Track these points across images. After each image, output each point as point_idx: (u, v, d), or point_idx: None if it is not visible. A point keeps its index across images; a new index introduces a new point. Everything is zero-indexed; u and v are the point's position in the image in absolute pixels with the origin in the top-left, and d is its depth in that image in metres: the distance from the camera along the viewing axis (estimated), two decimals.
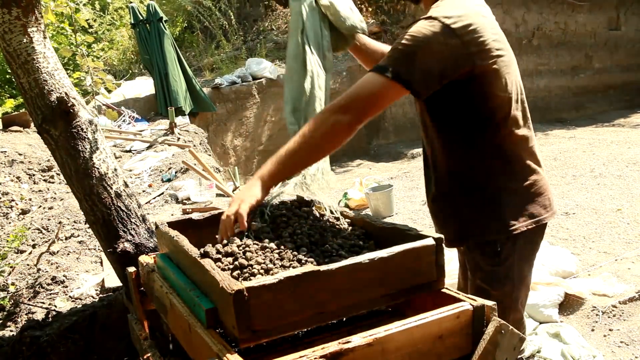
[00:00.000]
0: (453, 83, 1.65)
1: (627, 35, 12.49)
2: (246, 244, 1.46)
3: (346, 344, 1.13)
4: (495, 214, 1.79)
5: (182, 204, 4.91)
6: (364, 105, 1.60)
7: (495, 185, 1.79)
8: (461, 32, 1.59)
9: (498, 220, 1.78)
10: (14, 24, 2.27)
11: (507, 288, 1.85)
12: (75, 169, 2.39)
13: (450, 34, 1.58)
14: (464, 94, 1.70)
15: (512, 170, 1.79)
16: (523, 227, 1.78)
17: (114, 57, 11.01)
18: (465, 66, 1.62)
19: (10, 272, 3.59)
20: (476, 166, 1.79)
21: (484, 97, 1.71)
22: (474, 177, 1.81)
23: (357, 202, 6.48)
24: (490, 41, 1.65)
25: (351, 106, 1.59)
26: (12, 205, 4.82)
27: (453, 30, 1.58)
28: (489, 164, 1.78)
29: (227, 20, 10.64)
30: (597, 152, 7.80)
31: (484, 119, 1.74)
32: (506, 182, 1.79)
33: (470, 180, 1.81)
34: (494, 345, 1.25)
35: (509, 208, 1.78)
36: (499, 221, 1.78)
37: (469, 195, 1.82)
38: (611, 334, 3.20)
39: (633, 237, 4.49)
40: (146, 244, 2.48)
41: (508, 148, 1.78)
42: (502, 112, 1.74)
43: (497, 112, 1.74)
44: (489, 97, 1.71)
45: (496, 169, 1.78)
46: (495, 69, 1.67)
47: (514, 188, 1.79)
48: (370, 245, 1.51)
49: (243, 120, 9.05)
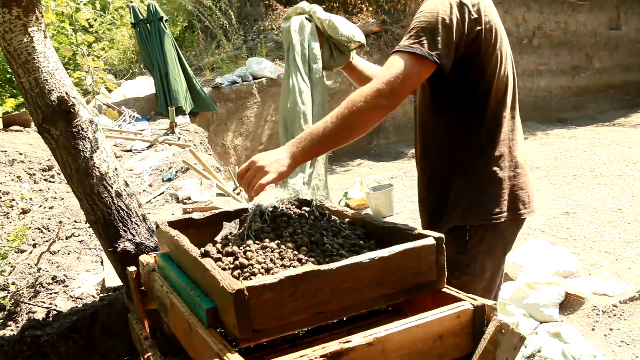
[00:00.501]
0: (462, 58, 1.68)
1: (628, 35, 12.48)
2: (247, 243, 1.47)
3: (346, 344, 1.13)
4: (479, 199, 1.79)
5: (183, 203, 4.91)
6: (400, 86, 1.60)
7: (483, 171, 1.80)
8: (473, 8, 1.64)
9: (481, 206, 1.79)
10: (15, 23, 2.27)
11: (465, 278, 1.82)
12: (75, 169, 2.39)
13: (464, 8, 1.63)
14: (467, 72, 1.72)
15: (500, 158, 1.80)
16: (503, 218, 1.79)
17: (115, 56, 11.02)
18: (475, 41, 1.67)
19: (11, 271, 3.59)
20: (468, 149, 1.81)
21: (483, 77, 1.74)
22: (464, 161, 1.82)
23: (357, 202, 6.48)
24: (496, 23, 1.71)
25: (387, 89, 1.59)
26: (12, 205, 4.82)
27: (466, 4, 1.63)
28: (480, 149, 1.79)
29: (228, 20, 10.64)
30: (597, 152, 7.80)
31: (481, 101, 1.76)
32: (494, 170, 1.79)
33: (460, 164, 1.82)
34: (494, 344, 1.24)
35: (493, 196, 1.79)
36: (481, 207, 1.79)
37: (457, 178, 1.82)
38: (612, 333, 3.20)
39: (633, 236, 4.50)
40: (147, 244, 2.47)
41: (499, 135, 1.79)
42: (497, 96, 1.77)
43: (493, 95, 1.76)
44: (488, 78, 1.74)
45: (486, 155, 1.80)
46: (497, 51, 1.72)
47: (500, 177, 1.79)
48: (370, 245, 1.51)
49: (243, 120, 9.05)
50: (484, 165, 1.80)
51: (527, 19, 11.36)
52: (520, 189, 1.83)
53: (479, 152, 1.80)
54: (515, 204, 1.82)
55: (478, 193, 1.80)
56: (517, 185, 1.83)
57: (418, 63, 1.60)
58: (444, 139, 1.85)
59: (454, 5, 1.63)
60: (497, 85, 1.76)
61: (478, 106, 1.77)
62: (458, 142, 1.82)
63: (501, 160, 1.80)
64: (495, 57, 1.72)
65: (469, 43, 1.67)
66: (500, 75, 1.75)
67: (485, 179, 1.79)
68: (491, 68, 1.73)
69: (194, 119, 8.50)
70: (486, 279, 1.88)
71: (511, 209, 1.81)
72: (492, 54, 1.71)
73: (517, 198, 1.82)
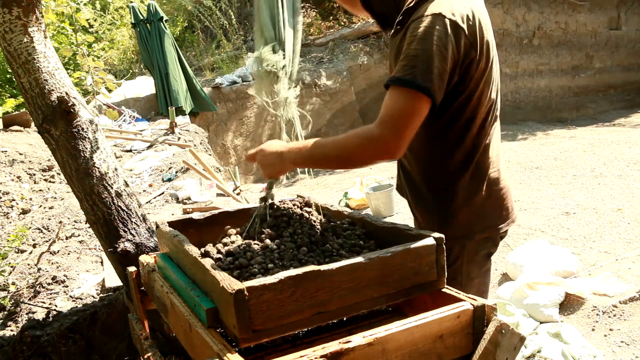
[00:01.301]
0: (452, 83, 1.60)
1: (628, 35, 12.49)
2: (246, 243, 1.47)
3: (346, 344, 1.13)
4: (454, 220, 1.76)
5: (183, 203, 4.92)
6: (405, 131, 1.49)
7: (458, 194, 1.74)
8: (469, 30, 1.54)
9: (455, 227, 1.75)
10: (15, 23, 2.27)
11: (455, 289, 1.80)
12: (75, 169, 2.39)
13: (460, 32, 1.51)
14: (456, 88, 1.62)
15: (474, 181, 1.74)
16: (477, 237, 1.76)
17: (115, 56, 11.02)
18: (468, 67, 1.58)
19: (11, 271, 3.59)
20: (444, 169, 1.75)
21: (469, 102, 1.65)
22: (441, 179, 1.76)
23: (357, 202, 6.48)
24: (489, 39, 1.62)
25: (387, 128, 1.49)
26: (12, 205, 4.82)
27: (462, 28, 1.52)
28: (455, 171, 1.74)
29: (228, 20, 10.64)
30: (597, 152, 7.80)
31: (462, 125, 1.69)
32: (468, 193, 1.74)
33: (437, 183, 1.77)
34: (494, 345, 1.24)
35: (466, 217, 1.75)
36: (456, 228, 1.75)
37: (435, 196, 1.78)
38: (612, 333, 3.20)
39: (633, 236, 4.49)
40: (147, 244, 2.48)
41: (475, 157, 1.73)
42: (480, 120, 1.70)
43: (477, 120, 1.69)
44: (477, 95, 1.65)
45: (461, 177, 1.74)
46: (488, 68, 1.64)
47: (474, 201, 1.75)
48: (370, 245, 1.51)
49: (243, 120, 9.06)
50: (459, 187, 1.74)
51: (528, 19, 11.36)
52: (497, 206, 1.79)
53: (454, 174, 1.74)
54: (492, 221, 1.79)
55: (453, 213, 1.75)
56: (493, 204, 1.78)
57: (416, 99, 1.48)
58: (424, 155, 1.79)
59: (449, 29, 1.49)
60: (481, 110, 1.68)
61: (459, 130, 1.69)
62: (436, 160, 1.76)
63: (475, 182, 1.74)
64: (487, 76, 1.64)
65: (465, 65, 1.57)
66: (487, 100, 1.68)
67: (460, 202, 1.74)
68: (478, 93, 1.64)
69: (194, 119, 8.51)
70: (476, 284, 1.86)
71: (488, 226, 1.78)
72: (481, 79, 1.62)
73: (493, 215, 1.78)
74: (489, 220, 1.78)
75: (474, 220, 1.76)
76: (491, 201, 1.77)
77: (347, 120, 9.65)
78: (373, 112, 9.94)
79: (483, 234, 1.77)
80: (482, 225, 1.77)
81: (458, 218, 1.75)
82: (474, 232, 1.76)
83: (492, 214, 1.78)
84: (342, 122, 9.60)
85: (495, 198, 1.78)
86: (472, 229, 1.76)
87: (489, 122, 1.74)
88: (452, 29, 1.50)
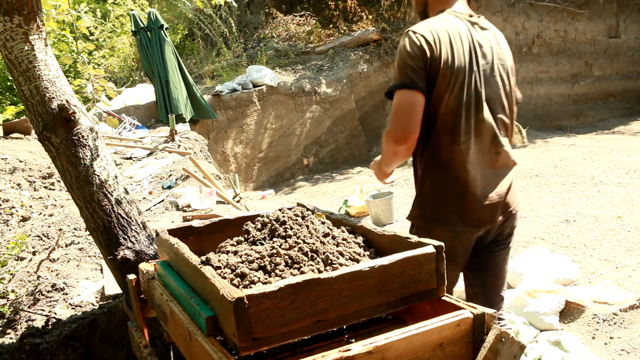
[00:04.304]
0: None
1: (627, 43, 12.52)
2: (246, 252, 1.47)
3: (346, 352, 1.13)
4: (414, 203, 2.14)
5: (183, 211, 4.92)
6: (402, 122, 1.92)
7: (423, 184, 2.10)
8: (427, 43, 1.92)
9: (412, 209, 2.14)
10: (16, 31, 2.28)
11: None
12: (75, 176, 2.39)
13: (418, 43, 1.92)
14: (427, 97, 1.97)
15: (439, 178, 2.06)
16: (418, 222, 2.11)
17: (115, 64, 11.05)
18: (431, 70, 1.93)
19: (10, 279, 3.59)
20: (418, 162, 2.12)
21: (436, 103, 1.98)
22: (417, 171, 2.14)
23: (357, 210, 6.48)
24: (448, 55, 1.93)
25: (393, 129, 1.94)
26: (12, 212, 4.82)
27: (419, 40, 1.92)
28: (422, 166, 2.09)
29: (228, 28, 10.68)
30: (597, 160, 7.81)
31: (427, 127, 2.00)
32: (429, 186, 2.08)
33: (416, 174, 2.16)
34: (494, 353, 1.24)
35: (419, 203, 2.12)
36: (412, 210, 2.14)
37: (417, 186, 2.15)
38: (612, 342, 3.19)
39: (634, 244, 4.49)
40: (146, 251, 2.47)
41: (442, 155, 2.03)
42: (444, 121, 1.99)
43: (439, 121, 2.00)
44: (439, 104, 1.97)
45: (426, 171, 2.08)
46: (446, 79, 1.94)
47: (433, 193, 2.08)
48: (370, 253, 1.51)
49: (243, 128, 9.07)
50: (425, 179, 2.09)
51: (527, 27, 11.40)
52: (457, 203, 2.04)
53: (422, 168, 2.09)
54: (451, 216, 2.04)
55: (416, 199, 2.14)
56: (453, 200, 2.04)
57: (405, 95, 1.91)
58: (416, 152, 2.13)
59: (411, 41, 1.94)
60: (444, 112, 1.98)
61: (425, 130, 2.00)
62: (415, 156, 2.13)
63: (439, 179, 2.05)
64: (446, 86, 1.95)
65: (428, 71, 1.93)
66: (449, 106, 1.97)
67: (424, 190, 2.10)
68: (442, 95, 1.96)
69: (194, 127, 8.51)
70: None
71: (446, 220, 2.05)
72: (441, 84, 1.95)
73: (454, 211, 2.04)
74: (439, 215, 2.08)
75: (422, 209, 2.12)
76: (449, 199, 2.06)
77: (347, 128, 9.67)
78: (373, 120, 9.96)
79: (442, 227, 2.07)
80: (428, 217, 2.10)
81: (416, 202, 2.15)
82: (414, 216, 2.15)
83: (444, 210, 2.07)
84: (342, 129, 9.61)
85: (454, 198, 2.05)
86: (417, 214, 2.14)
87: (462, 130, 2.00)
88: (416, 39, 1.93)
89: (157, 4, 11.95)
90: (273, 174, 9.31)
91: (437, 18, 2.02)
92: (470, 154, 2.00)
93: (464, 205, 2.03)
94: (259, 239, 1.55)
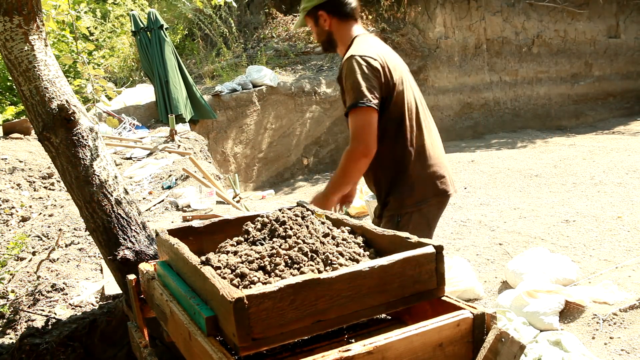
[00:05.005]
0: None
1: (627, 43, 12.53)
2: (246, 252, 1.47)
3: (346, 352, 1.13)
4: (399, 195, 2.43)
5: (183, 211, 4.92)
6: (367, 137, 2.27)
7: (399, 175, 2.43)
8: (376, 62, 2.28)
9: (399, 201, 2.44)
10: (16, 31, 2.28)
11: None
12: (75, 176, 2.39)
13: (369, 64, 2.27)
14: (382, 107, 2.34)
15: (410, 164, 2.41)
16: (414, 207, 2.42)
17: (115, 64, 11.04)
18: (386, 82, 2.30)
19: (10, 279, 3.59)
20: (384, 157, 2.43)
21: (390, 111, 2.36)
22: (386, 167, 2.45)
23: (357, 210, 6.48)
24: (392, 70, 2.34)
25: (357, 146, 2.28)
26: (12, 212, 4.82)
27: (369, 61, 2.27)
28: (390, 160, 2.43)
29: (228, 28, 10.68)
30: (597, 160, 7.81)
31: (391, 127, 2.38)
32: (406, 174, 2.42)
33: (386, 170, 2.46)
34: (494, 353, 1.24)
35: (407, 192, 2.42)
36: (399, 201, 2.44)
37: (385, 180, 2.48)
38: (612, 342, 3.19)
39: (633, 244, 4.49)
40: (146, 252, 2.47)
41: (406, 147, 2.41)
42: (403, 123, 2.39)
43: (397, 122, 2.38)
44: (393, 111, 2.36)
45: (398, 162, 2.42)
46: (402, 85, 2.37)
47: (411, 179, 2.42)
48: (370, 253, 1.51)
49: (243, 128, 9.06)
50: (398, 170, 2.42)
51: (527, 27, 11.41)
52: (430, 182, 2.44)
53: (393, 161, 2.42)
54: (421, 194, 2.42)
55: (397, 191, 2.44)
56: (428, 179, 2.44)
57: (361, 112, 2.24)
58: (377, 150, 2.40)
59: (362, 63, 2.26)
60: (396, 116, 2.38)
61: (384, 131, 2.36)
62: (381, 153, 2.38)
63: (411, 165, 2.42)
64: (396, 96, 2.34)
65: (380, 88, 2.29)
66: (400, 108, 2.38)
67: (400, 181, 2.42)
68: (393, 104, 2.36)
69: (194, 127, 8.51)
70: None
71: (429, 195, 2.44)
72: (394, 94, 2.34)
73: (423, 190, 2.43)
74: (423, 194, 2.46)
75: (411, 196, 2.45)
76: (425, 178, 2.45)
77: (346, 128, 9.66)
78: None
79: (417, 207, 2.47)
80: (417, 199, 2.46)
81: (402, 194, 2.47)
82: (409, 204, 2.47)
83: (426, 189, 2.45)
84: (342, 129, 9.60)
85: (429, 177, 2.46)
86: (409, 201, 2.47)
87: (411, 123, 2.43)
88: (363, 61, 2.27)
89: (157, 4, 11.95)
90: (273, 174, 9.31)
91: (366, 41, 2.39)
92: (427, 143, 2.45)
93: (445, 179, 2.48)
94: (258, 239, 1.54)
